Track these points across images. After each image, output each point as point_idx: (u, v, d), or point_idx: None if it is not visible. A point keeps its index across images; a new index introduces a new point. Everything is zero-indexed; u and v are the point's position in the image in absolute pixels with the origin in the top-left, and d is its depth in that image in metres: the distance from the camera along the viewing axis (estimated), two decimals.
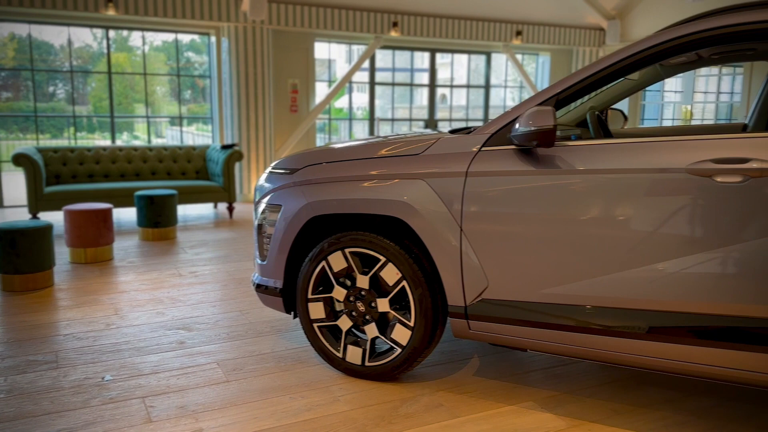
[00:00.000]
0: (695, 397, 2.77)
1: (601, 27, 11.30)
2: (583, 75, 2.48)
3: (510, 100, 12.18)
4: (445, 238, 2.61)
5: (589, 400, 2.75)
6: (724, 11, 2.35)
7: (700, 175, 2.20)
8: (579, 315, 2.42)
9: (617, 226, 2.34)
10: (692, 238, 2.22)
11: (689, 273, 2.23)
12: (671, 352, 2.30)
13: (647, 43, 2.39)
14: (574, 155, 2.42)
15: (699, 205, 2.21)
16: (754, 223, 2.12)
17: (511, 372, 3.05)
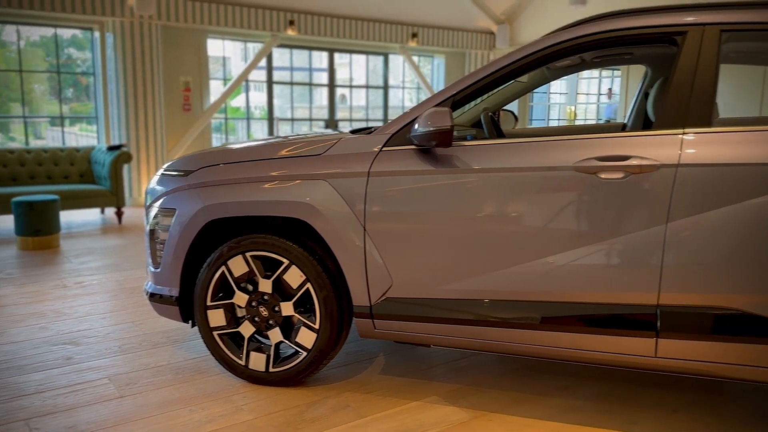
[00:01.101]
0: (589, 383, 2.93)
1: (491, 31, 11.75)
2: (477, 77, 2.56)
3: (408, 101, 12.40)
4: (348, 239, 2.60)
5: (491, 390, 2.84)
6: (602, 17, 2.50)
7: (586, 172, 2.33)
8: (478, 309, 2.50)
9: (511, 222, 2.43)
10: (579, 232, 2.35)
11: (577, 265, 2.35)
12: (563, 340, 2.42)
13: (534, 47, 2.50)
14: (471, 155, 2.49)
15: (585, 200, 2.34)
16: (635, 217, 2.28)
17: (416, 368, 3.10)
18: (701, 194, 2.20)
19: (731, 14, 2.32)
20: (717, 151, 2.20)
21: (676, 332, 2.27)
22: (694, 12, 2.37)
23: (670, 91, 2.33)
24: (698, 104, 2.28)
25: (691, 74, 2.31)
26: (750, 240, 2.16)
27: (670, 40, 2.41)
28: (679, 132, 2.27)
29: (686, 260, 2.22)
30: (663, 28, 2.39)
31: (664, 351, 2.31)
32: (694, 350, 2.27)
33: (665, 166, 2.23)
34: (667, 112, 2.32)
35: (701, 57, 2.31)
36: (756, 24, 2.30)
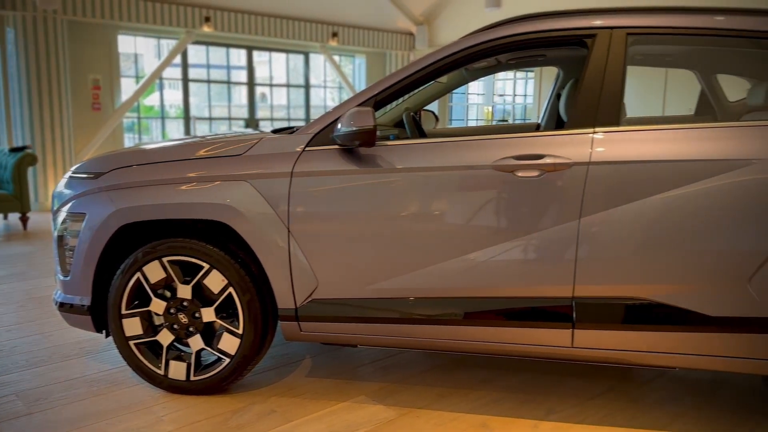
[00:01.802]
0: (511, 375, 3.02)
1: (411, 32, 11.90)
2: (398, 77, 2.58)
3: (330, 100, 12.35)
4: (272, 241, 2.55)
5: (417, 387, 2.87)
6: (517, 20, 2.58)
7: (504, 170, 2.39)
8: (403, 307, 2.52)
9: (434, 220, 2.47)
10: (499, 229, 2.42)
11: (497, 261, 2.41)
12: (486, 334, 2.48)
13: (453, 49, 2.54)
14: (394, 154, 2.50)
15: (504, 198, 2.41)
16: (550, 213, 2.37)
17: (343, 369, 3.09)
18: (611, 190, 2.31)
19: (636, 18, 2.45)
20: (625, 149, 2.32)
21: (591, 323, 2.38)
22: (602, 15, 2.48)
23: (581, 92, 2.43)
24: (607, 104, 2.39)
25: (600, 75, 2.42)
26: (656, 233, 2.28)
27: (580, 43, 2.51)
28: (590, 131, 2.37)
29: (598, 254, 2.33)
30: (573, 30, 2.49)
31: (580, 341, 2.41)
32: (607, 339, 2.39)
33: (577, 164, 2.33)
34: (578, 113, 2.42)
35: (609, 59, 2.42)
36: (659, 28, 2.44)
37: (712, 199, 2.23)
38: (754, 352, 2.29)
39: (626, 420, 2.57)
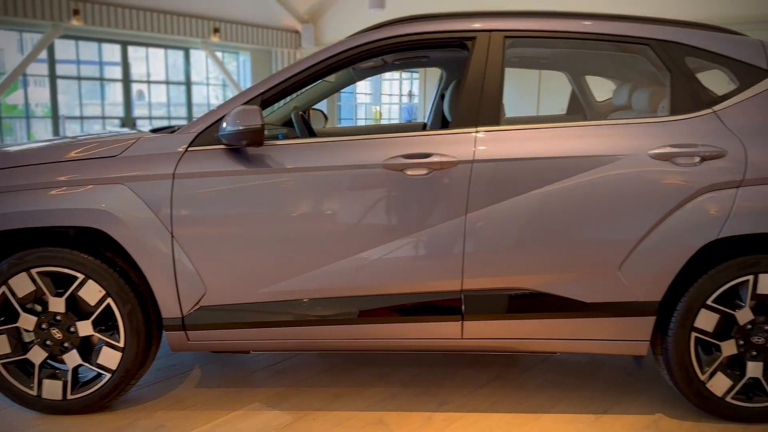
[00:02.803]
0: (404, 369, 3.07)
1: (296, 30, 11.78)
2: (285, 75, 2.53)
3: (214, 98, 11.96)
4: (154, 247, 2.42)
5: (312, 389, 2.85)
6: (400, 22, 2.62)
7: (394, 169, 2.42)
8: (297, 309, 2.48)
9: (326, 220, 2.45)
10: (390, 227, 2.45)
11: (389, 258, 2.44)
12: (380, 331, 2.50)
13: (339, 48, 2.54)
14: (283, 154, 2.46)
15: (394, 196, 2.44)
16: (439, 210, 2.43)
17: (235, 376, 3.00)
18: (494, 187, 2.41)
19: (512, 22, 2.57)
20: (505, 148, 2.43)
21: (479, 314, 2.47)
22: (481, 19, 2.58)
23: (463, 93, 2.51)
24: (488, 105, 2.49)
25: (481, 77, 2.51)
26: (535, 226, 2.41)
27: (461, 45, 2.59)
28: (473, 130, 2.46)
29: (484, 248, 2.42)
30: (454, 33, 2.57)
31: (470, 332, 2.49)
32: (494, 329, 2.49)
33: (462, 162, 2.40)
34: (461, 113, 2.50)
35: (489, 61, 2.52)
36: (533, 31, 2.57)
37: (585, 193, 2.39)
38: (625, 334, 2.48)
39: (513, 405, 2.70)
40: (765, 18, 7.00)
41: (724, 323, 2.44)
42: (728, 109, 2.46)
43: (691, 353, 2.45)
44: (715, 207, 2.36)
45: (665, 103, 2.58)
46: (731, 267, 2.41)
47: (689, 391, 2.50)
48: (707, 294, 2.42)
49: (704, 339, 2.45)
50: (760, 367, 2.45)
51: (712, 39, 2.55)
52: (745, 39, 2.59)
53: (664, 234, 2.39)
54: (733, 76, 2.54)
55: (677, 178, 2.38)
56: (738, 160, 2.37)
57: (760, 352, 2.44)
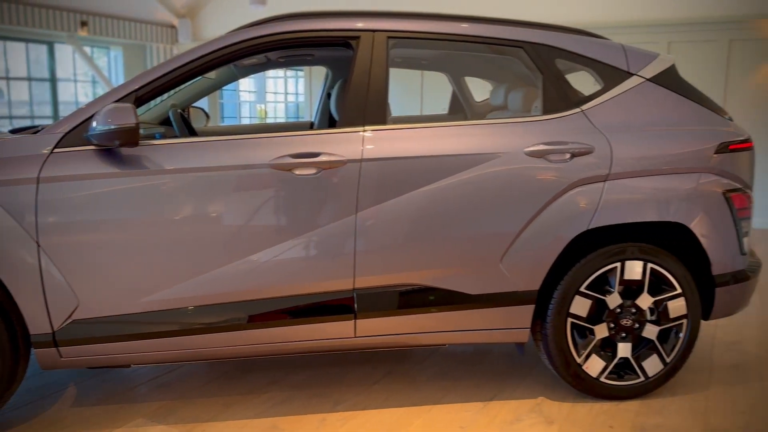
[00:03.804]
0: (296, 372, 3.02)
1: (172, 24, 11.27)
2: (161, 71, 2.41)
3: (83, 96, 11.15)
4: (17, 258, 2.21)
5: (200, 400, 2.73)
6: (281, 19, 2.57)
7: (282, 169, 2.38)
8: (182, 318, 2.37)
9: (211, 223, 2.36)
10: (279, 228, 2.40)
11: (280, 260, 2.40)
12: (272, 335, 2.45)
13: (218, 45, 2.45)
14: (162, 154, 2.34)
15: (283, 197, 2.39)
16: (329, 209, 2.41)
17: (115, 392, 2.81)
18: (382, 185, 2.43)
19: (395, 22, 2.60)
20: (392, 147, 2.46)
21: (371, 312, 2.48)
22: (364, 18, 2.59)
23: (349, 92, 2.52)
24: (374, 104, 2.51)
25: (366, 76, 2.52)
26: (423, 223, 2.47)
27: (345, 44, 2.59)
28: (360, 130, 2.47)
29: (374, 246, 2.44)
30: (338, 32, 2.57)
31: (362, 330, 2.50)
32: (386, 326, 2.52)
33: (351, 161, 2.41)
34: (348, 112, 2.50)
35: (373, 60, 2.54)
36: (414, 32, 2.62)
37: (468, 190, 2.48)
38: (508, 323, 2.60)
39: (405, 399, 2.74)
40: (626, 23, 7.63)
41: (596, 308, 2.63)
42: (595, 108, 2.64)
43: (567, 338, 2.61)
44: (584, 200, 2.54)
45: (538, 103, 2.73)
46: (601, 255, 2.59)
47: (567, 374, 2.66)
48: (580, 281, 2.59)
49: (579, 324, 2.62)
50: (629, 348, 2.66)
51: (579, 42, 2.73)
52: (608, 42, 2.79)
53: (540, 227, 2.53)
54: (598, 78, 2.74)
55: (550, 174, 2.52)
56: (604, 156, 2.55)
57: (628, 333, 2.65)
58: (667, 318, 2.66)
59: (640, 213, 2.58)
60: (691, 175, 2.63)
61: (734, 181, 2.69)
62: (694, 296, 2.68)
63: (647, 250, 2.61)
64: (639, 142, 2.60)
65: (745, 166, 2.75)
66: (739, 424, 2.54)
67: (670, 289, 2.65)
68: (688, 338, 2.69)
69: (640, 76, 2.72)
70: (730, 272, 2.70)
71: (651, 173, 2.59)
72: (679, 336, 2.69)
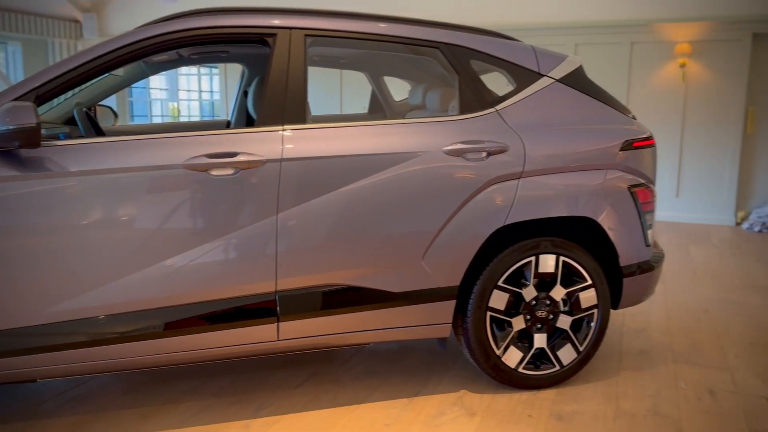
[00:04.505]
0: (216, 379, 2.94)
1: (77, 19, 10.69)
2: (64, 68, 2.27)
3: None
4: None
5: (115, 413, 2.61)
6: (195, 14, 2.49)
7: (197, 170, 2.30)
8: (92, 328, 2.25)
9: (122, 227, 2.25)
10: (196, 231, 2.32)
11: (197, 264, 2.32)
12: (190, 342, 2.37)
13: (126, 40, 2.35)
14: (67, 156, 2.21)
15: (199, 198, 2.32)
16: (248, 211, 2.36)
17: (21, 409, 2.63)
18: (303, 185, 2.40)
19: (312, 20, 2.58)
20: (312, 146, 2.44)
21: (294, 314, 2.45)
22: (281, 16, 2.55)
23: (267, 91, 2.47)
24: (293, 103, 2.47)
25: (284, 74, 2.49)
26: (345, 223, 2.46)
27: (261, 41, 2.54)
28: (279, 129, 2.43)
29: (296, 247, 2.41)
30: (253, 28, 2.51)
31: (286, 333, 2.47)
32: (310, 327, 2.49)
33: (271, 161, 2.36)
34: (266, 110, 2.45)
35: (291, 58, 2.51)
36: (331, 31, 2.60)
37: (389, 189, 2.49)
38: (431, 319, 2.64)
39: (330, 400, 2.73)
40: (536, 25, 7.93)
41: (513, 301, 2.71)
42: (508, 108, 2.73)
43: (487, 331, 2.69)
44: (500, 197, 2.61)
45: (455, 102, 2.79)
46: (516, 250, 2.68)
47: (487, 366, 2.74)
48: (498, 276, 2.66)
49: (498, 317, 2.70)
50: (544, 338, 2.76)
51: (493, 44, 2.81)
52: (519, 44, 2.89)
53: (460, 224, 2.58)
54: (511, 78, 2.82)
55: (468, 172, 2.58)
56: (518, 154, 2.64)
57: (543, 324, 2.75)
58: (579, 308, 2.78)
59: (552, 209, 2.69)
60: (599, 171, 2.76)
61: (638, 176, 2.85)
62: (604, 287, 2.82)
63: (559, 244, 2.72)
64: (550, 140, 2.71)
65: (648, 163, 2.91)
66: (648, 407, 2.70)
67: (581, 280, 2.77)
68: (599, 327, 2.83)
69: (550, 77, 2.83)
70: (636, 263, 2.86)
71: (561, 170, 2.70)
72: (591, 325, 2.82)
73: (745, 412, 2.65)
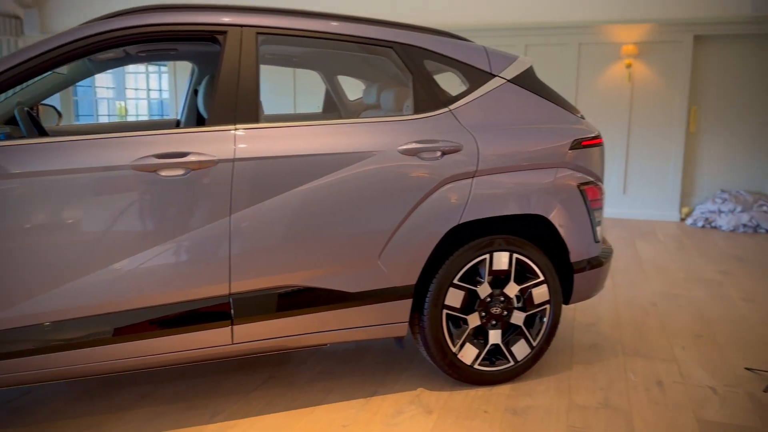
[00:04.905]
0: (168, 385, 2.87)
1: (17, 15, 10.28)
2: (4, 66, 2.18)
3: None
4: None
5: (62, 422, 2.51)
6: (142, 11, 2.43)
7: (145, 170, 2.24)
8: (37, 335, 2.16)
9: (69, 231, 2.17)
10: (146, 234, 2.26)
11: (148, 268, 2.26)
12: (141, 348, 2.31)
13: (69, 37, 2.27)
14: (8, 157, 2.12)
15: (148, 200, 2.26)
16: (200, 212, 2.31)
17: None
18: (256, 186, 2.37)
19: (263, 18, 2.54)
20: (266, 145, 2.40)
21: (249, 316, 2.41)
22: (231, 13, 2.51)
23: (218, 89, 2.43)
24: (245, 102, 2.44)
25: (236, 73, 2.45)
26: (300, 223, 2.44)
27: (212, 39, 2.49)
28: (231, 128, 2.39)
29: (250, 248, 2.37)
30: (203, 26, 2.46)
31: (240, 336, 2.43)
32: (265, 330, 2.46)
33: (223, 161, 2.32)
34: (217, 109, 2.41)
35: (243, 56, 2.47)
36: (283, 29, 2.57)
37: (345, 189, 2.48)
38: (388, 318, 2.64)
39: (287, 403, 2.70)
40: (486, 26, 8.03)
41: (468, 299, 2.74)
42: (461, 108, 2.75)
43: (443, 329, 2.71)
44: (455, 196, 2.63)
45: (409, 102, 2.80)
46: (471, 248, 2.71)
47: (444, 363, 2.76)
48: (454, 274, 2.69)
49: (454, 314, 2.72)
50: (499, 334, 2.80)
51: (446, 44, 2.83)
52: (471, 45, 2.92)
53: (415, 223, 2.59)
54: (464, 78, 2.85)
55: (423, 172, 2.59)
56: (472, 154, 2.67)
57: (498, 320, 2.79)
58: (532, 304, 2.83)
59: (505, 207, 2.73)
60: (549, 170, 2.82)
61: (587, 174, 2.92)
62: (556, 283, 2.87)
63: (513, 241, 2.77)
64: (503, 140, 2.75)
65: (596, 161, 2.99)
66: (599, 399, 2.77)
67: (534, 277, 2.82)
68: (551, 322, 2.89)
69: (502, 78, 2.87)
70: (586, 259, 2.93)
71: (514, 169, 2.75)
72: (544, 321, 2.88)
73: (692, 401, 2.75)
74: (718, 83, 7.61)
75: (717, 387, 2.89)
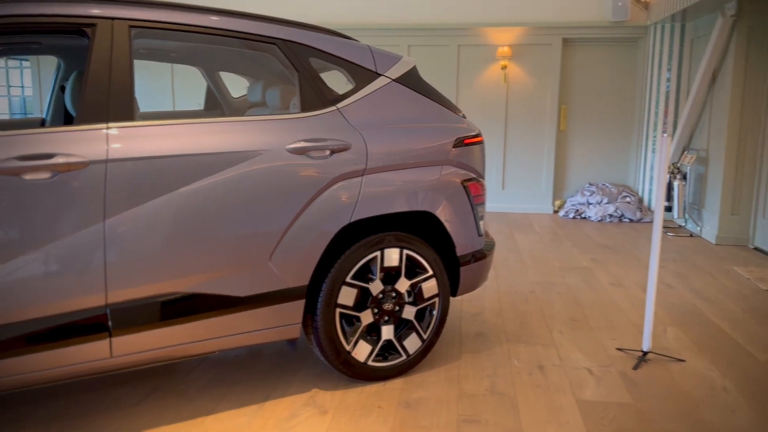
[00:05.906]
0: (41, 405, 2.64)
1: None
2: None
3: None
4: None
5: None
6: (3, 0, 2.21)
7: (7, 174, 2.04)
8: None
9: None
10: (9, 243, 2.06)
11: (11, 280, 2.06)
12: (10, 367, 2.10)
13: None
14: None
15: (10, 206, 2.06)
16: (71, 218, 2.14)
17: None
18: (134, 188, 2.23)
19: (136, 11, 2.40)
20: (143, 145, 2.27)
21: (129, 327, 2.27)
22: (102, 5, 2.35)
23: (88, 85, 2.26)
24: (118, 98, 2.29)
25: (107, 68, 2.29)
26: (182, 226, 2.32)
27: (79, 32, 2.32)
28: (103, 127, 2.23)
29: (128, 255, 2.23)
30: (69, 18, 2.28)
31: (120, 349, 2.28)
32: (148, 340, 2.33)
33: (95, 163, 2.17)
34: (87, 107, 2.24)
35: (114, 51, 2.31)
36: (159, 23, 2.45)
37: (231, 189, 2.40)
38: (280, 321, 2.60)
39: (175, 415, 2.57)
40: (370, 26, 8.11)
41: (361, 296, 2.75)
42: (349, 106, 2.75)
43: (337, 328, 2.70)
44: (345, 195, 2.63)
45: (296, 100, 2.76)
46: (363, 246, 2.72)
47: (338, 362, 2.75)
48: (346, 272, 2.69)
49: (347, 313, 2.72)
50: (392, 330, 2.84)
51: (331, 42, 2.82)
52: (357, 44, 2.93)
53: (306, 223, 2.56)
54: (350, 77, 2.85)
55: (313, 171, 2.57)
56: (360, 152, 2.68)
57: (390, 316, 2.83)
58: (422, 298, 2.90)
59: (394, 204, 2.77)
60: (434, 167, 2.89)
61: (470, 171, 3.03)
62: (444, 276, 2.96)
63: (402, 237, 2.81)
64: (390, 138, 2.78)
65: (477, 158, 3.11)
66: (486, 386, 2.88)
67: (423, 272, 2.89)
68: (440, 315, 2.97)
69: (387, 77, 2.90)
70: (470, 252, 3.04)
71: (401, 167, 2.79)
72: (433, 313, 2.96)
73: (571, 383, 2.93)
74: (583, 84, 8.19)
75: (592, 368, 3.10)
